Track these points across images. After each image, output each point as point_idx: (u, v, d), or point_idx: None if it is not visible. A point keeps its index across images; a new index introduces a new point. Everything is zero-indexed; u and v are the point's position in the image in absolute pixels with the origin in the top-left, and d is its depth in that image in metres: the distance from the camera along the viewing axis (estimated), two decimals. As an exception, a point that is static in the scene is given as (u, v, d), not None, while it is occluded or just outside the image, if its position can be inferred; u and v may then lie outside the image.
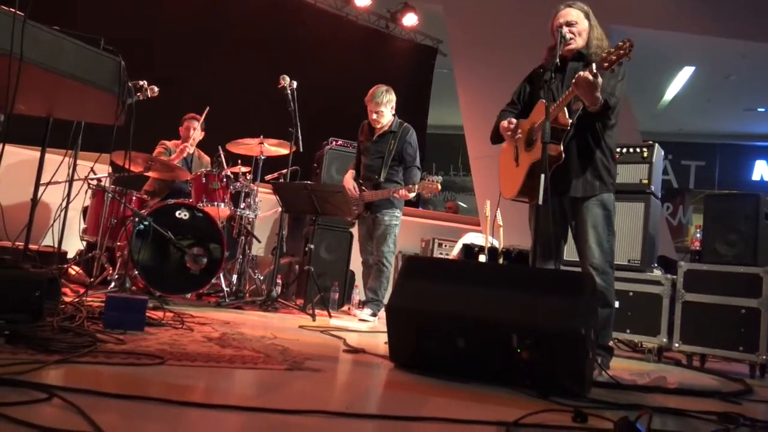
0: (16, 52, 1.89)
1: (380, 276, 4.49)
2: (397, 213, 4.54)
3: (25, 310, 2.08)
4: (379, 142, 4.62)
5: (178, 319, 2.85)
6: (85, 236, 4.60)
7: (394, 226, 4.52)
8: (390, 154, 4.53)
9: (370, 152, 4.66)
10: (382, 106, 4.55)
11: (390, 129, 4.62)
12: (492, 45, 8.00)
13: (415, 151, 4.59)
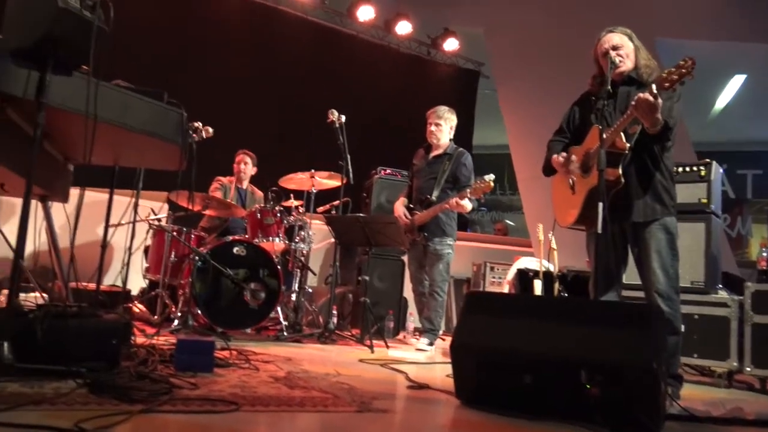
0: (90, 112, 1.99)
1: (435, 305, 4.50)
2: (449, 241, 4.54)
3: (103, 358, 2.17)
4: (433, 164, 4.67)
5: (243, 358, 2.90)
6: (147, 275, 4.76)
7: (446, 255, 4.51)
8: (443, 174, 4.55)
9: (423, 174, 4.70)
10: (442, 120, 4.64)
11: (445, 151, 4.68)
12: (534, 65, 7.98)
13: (470, 173, 4.60)
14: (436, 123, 4.64)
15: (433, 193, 4.52)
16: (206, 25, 7.27)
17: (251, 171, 5.71)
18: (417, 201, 4.66)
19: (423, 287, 4.68)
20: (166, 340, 3.21)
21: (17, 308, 2.13)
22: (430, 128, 4.67)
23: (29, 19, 1.89)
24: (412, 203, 4.71)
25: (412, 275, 4.77)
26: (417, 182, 4.75)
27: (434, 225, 4.50)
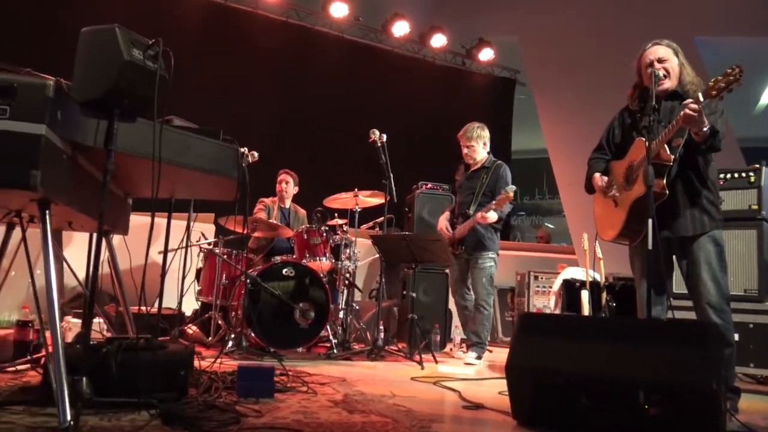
0: (156, 157, 2.10)
1: (482, 318, 4.55)
2: (492, 254, 4.61)
3: (172, 389, 2.28)
4: (472, 178, 4.76)
5: (299, 381, 2.99)
6: (200, 297, 4.90)
7: (488, 268, 4.58)
8: (481, 188, 4.64)
9: (463, 189, 4.80)
10: (473, 141, 4.71)
11: (483, 165, 4.75)
12: (571, 71, 7.94)
13: (508, 184, 4.61)
14: (468, 145, 4.74)
15: (471, 207, 4.61)
16: (244, 48, 7.47)
17: (293, 190, 5.83)
18: (458, 215, 4.76)
19: (465, 300, 4.76)
20: (222, 362, 3.32)
21: (91, 343, 2.25)
22: (464, 150, 4.77)
23: (97, 73, 2.01)
24: (454, 217, 4.80)
25: (453, 287, 4.85)
26: (459, 197, 4.85)
27: (474, 239, 4.58)
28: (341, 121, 7.35)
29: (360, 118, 5.65)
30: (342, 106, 7.62)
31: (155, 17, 7.00)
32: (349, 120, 7.06)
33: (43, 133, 1.79)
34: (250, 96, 7.20)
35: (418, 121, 7.91)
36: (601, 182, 3.16)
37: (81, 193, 2.22)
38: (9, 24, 6.03)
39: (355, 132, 5.33)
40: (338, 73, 7.86)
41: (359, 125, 5.00)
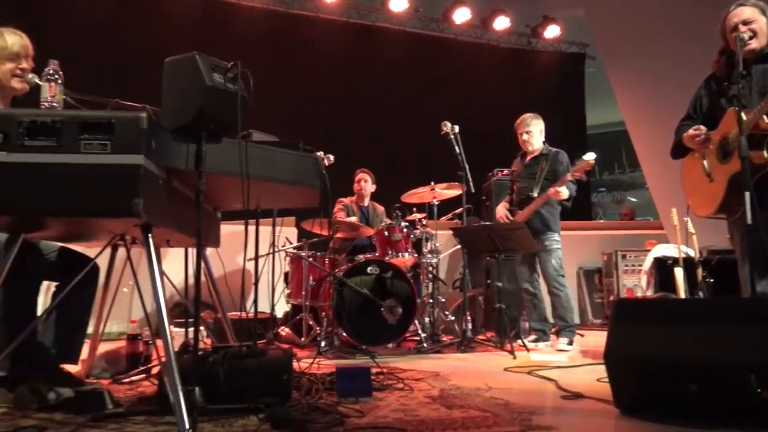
0: (244, 173, 2.20)
1: (560, 301, 4.53)
2: (556, 236, 4.63)
3: (276, 393, 2.38)
4: (530, 165, 4.79)
5: (394, 378, 3.04)
6: (290, 299, 5.06)
7: (555, 250, 4.59)
8: (542, 173, 4.67)
9: (521, 176, 4.83)
10: (531, 127, 4.78)
11: (541, 153, 4.80)
12: (642, 38, 7.59)
13: (568, 169, 4.62)
14: (526, 132, 4.79)
15: (534, 191, 4.64)
16: (309, 52, 7.61)
17: (371, 188, 5.92)
18: (518, 202, 4.78)
19: (534, 288, 4.76)
20: (318, 362, 3.42)
21: (199, 353, 2.38)
22: (522, 137, 4.82)
23: (183, 100, 2.12)
24: (513, 205, 4.84)
25: (523, 277, 4.79)
26: (517, 185, 4.88)
27: (539, 222, 4.59)
28: (411, 116, 7.37)
29: (429, 110, 5.66)
30: (410, 100, 7.64)
31: (221, 31, 7.26)
32: (418, 114, 7.07)
33: (141, 163, 1.90)
34: (319, 99, 7.33)
35: (488, 107, 7.81)
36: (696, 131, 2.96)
37: (177, 213, 2.35)
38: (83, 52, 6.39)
39: (426, 125, 5.34)
40: (403, 68, 7.88)
41: (429, 118, 5.01)
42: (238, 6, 7.50)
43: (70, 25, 6.59)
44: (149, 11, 7.10)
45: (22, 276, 2.32)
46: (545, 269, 4.58)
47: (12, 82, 2.65)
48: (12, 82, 2.65)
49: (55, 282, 2.83)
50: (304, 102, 7.17)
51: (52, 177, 1.87)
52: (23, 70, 2.65)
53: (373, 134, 7.33)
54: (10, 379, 2.45)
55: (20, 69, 2.66)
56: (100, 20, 6.84)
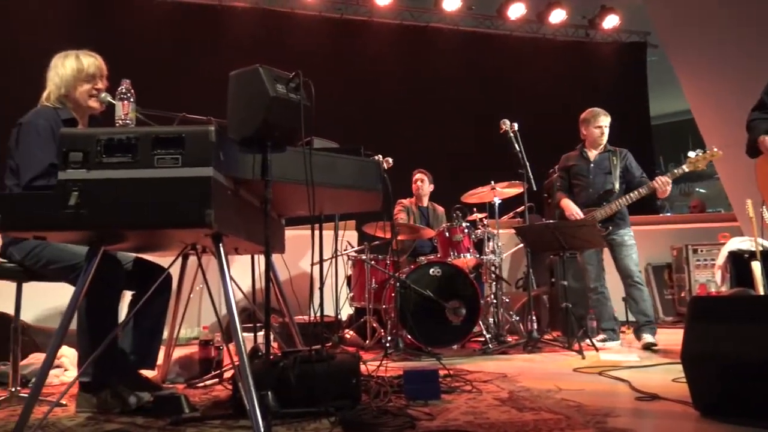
0: (309, 181, 2.24)
1: (642, 295, 4.42)
2: (631, 232, 4.55)
3: (346, 396, 2.41)
4: (600, 161, 4.69)
5: (461, 380, 3.03)
6: (353, 302, 5.11)
7: (633, 245, 4.51)
8: (616, 169, 4.58)
9: (591, 171, 4.69)
10: (606, 122, 4.69)
11: (607, 149, 4.73)
12: (705, 24, 7.28)
13: (638, 167, 4.66)
14: (606, 125, 4.70)
15: (615, 185, 4.54)
16: (365, 56, 7.67)
17: (429, 188, 5.92)
18: (593, 197, 4.63)
19: (601, 285, 4.64)
20: (385, 365, 3.43)
21: (271, 358, 2.43)
22: (603, 130, 4.71)
23: (248, 112, 2.18)
24: (581, 199, 4.68)
25: (590, 273, 4.65)
26: (583, 181, 4.72)
27: (618, 216, 4.52)
28: (468, 115, 7.33)
29: (487, 108, 5.61)
30: (467, 99, 7.59)
31: (278, 41, 7.40)
32: (476, 112, 7.02)
33: (211, 175, 1.96)
34: (376, 101, 7.38)
35: (546, 102, 7.68)
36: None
37: (245, 221, 2.41)
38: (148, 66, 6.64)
39: (484, 124, 5.30)
40: (459, 67, 7.84)
41: (487, 116, 4.97)
42: (293, 15, 7.63)
43: (137, 44, 6.86)
44: (210, 26, 7.31)
45: (103, 286, 2.42)
46: (624, 265, 4.46)
47: (89, 102, 2.79)
48: (89, 102, 2.79)
49: (132, 291, 2.95)
50: (361, 105, 7.23)
51: (129, 191, 1.96)
52: (98, 90, 2.79)
53: (430, 135, 7.32)
54: (94, 385, 2.57)
55: (96, 89, 2.79)
56: (164, 38, 7.10)
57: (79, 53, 2.82)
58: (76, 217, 1.95)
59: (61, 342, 2.16)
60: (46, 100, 2.79)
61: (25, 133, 2.61)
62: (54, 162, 2.47)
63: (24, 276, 2.77)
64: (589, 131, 4.73)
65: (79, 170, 1.96)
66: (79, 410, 2.56)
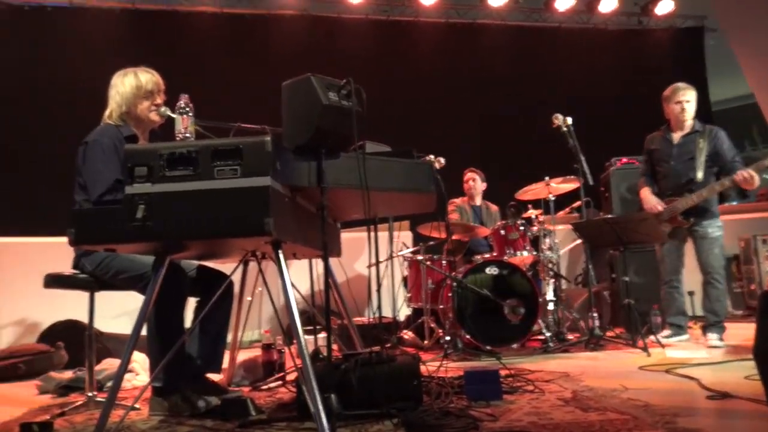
0: (363, 186, 2.26)
1: (717, 294, 4.20)
2: (719, 222, 4.27)
3: (407, 398, 2.43)
4: (683, 144, 4.39)
5: (523, 380, 3.00)
6: (410, 303, 5.13)
7: (719, 237, 4.24)
8: (701, 154, 4.26)
9: (673, 157, 4.41)
10: (688, 95, 4.38)
11: (694, 129, 4.40)
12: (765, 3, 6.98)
13: (732, 148, 4.29)
14: (687, 101, 4.37)
15: (697, 174, 4.24)
16: (413, 57, 7.68)
17: (481, 187, 5.87)
18: (671, 187, 4.38)
19: (677, 280, 4.44)
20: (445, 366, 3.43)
21: (332, 361, 2.47)
22: (684, 106, 4.37)
23: (302, 120, 2.22)
24: (662, 189, 4.44)
25: (667, 265, 4.46)
26: (663, 168, 4.46)
27: (702, 207, 4.24)
28: (519, 111, 7.24)
29: (538, 103, 5.53)
30: (517, 94, 7.49)
31: (327, 46, 7.50)
32: (527, 108, 6.93)
33: (269, 184, 2.02)
34: (425, 100, 7.37)
35: (600, 94, 7.50)
36: None
37: (302, 227, 2.46)
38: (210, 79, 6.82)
39: (536, 119, 5.23)
40: (507, 62, 7.75)
41: (539, 111, 4.90)
42: (341, 19, 7.71)
43: (191, 58, 7.07)
44: (260, 35, 7.47)
45: (169, 294, 2.51)
46: (707, 259, 4.22)
47: (150, 117, 2.92)
48: (150, 117, 2.92)
49: (196, 297, 3.05)
50: (411, 106, 7.24)
51: (191, 203, 2.03)
52: (158, 105, 2.91)
53: (481, 133, 7.27)
54: (165, 389, 2.67)
55: (155, 105, 2.91)
56: (217, 50, 7.29)
57: (137, 70, 2.94)
58: (142, 229, 2.03)
59: (133, 348, 2.26)
60: (108, 118, 2.92)
61: (91, 151, 2.75)
62: (119, 177, 2.61)
63: (96, 286, 2.90)
64: (670, 108, 4.42)
65: (144, 184, 2.04)
66: (152, 414, 2.67)
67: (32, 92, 6.43)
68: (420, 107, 7.27)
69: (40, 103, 6.38)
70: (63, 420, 2.64)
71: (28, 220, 5.29)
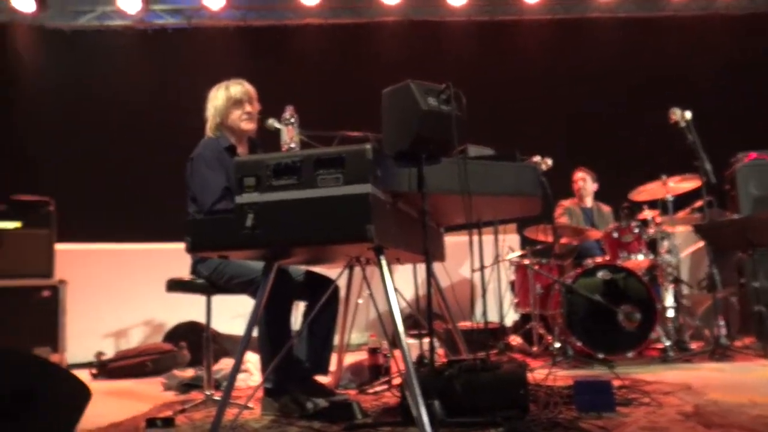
0: (465, 191, 2.24)
1: None
2: None
3: (513, 406, 2.36)
4: None
5: (638, 391, 2.84)
6: (518, 308, 5.01)
7: None
8: None
9: None
10: None
11: None
12: None
13: None
14: None
15: None
16: (515, 56, 7.53)
17: (592, 187, 5.64)
18: None
19: None
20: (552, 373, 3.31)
21: (436, 367, 2.46)
22: None
23: (402, 127, 2.24)
24: None
25: None
26: None
27: None
28: (632, 107, 6.87)
29: (653, 98, 5.22)
30: (630, 89, 7.11)
31: (429, 48, 7.50)
32: (640, 103, 6.56)
33: (370, 192, 2.05)
34: (530, 99, 7.18)
35: (723, 84, 6.96)
36: None
37: (404, 233, 2.47)
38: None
39: (651, 115, 4.94)
40: (619, 56, 7.38)
41: (653, 106, 4.62)
42: (443, 23, 7.69)
43: (297, 69, 7.33)
44: (362, 42, 7.61)
45: (277, 298, 2.61)
46: None
47: (242, 126, 3.07)
48: (242, 126, 3.07)
49: (303, 301, 3.15)
50: (516, 106, 7.07)
51: (297, 211, 2.11)
52: (249, 113, 3.05)
53: (591, 131, 6.96)
54: (275, 391, 2.77)
55: (247, 113, 3.05)
56: (321, 59, 7.50)
57: (228, 83, 3.11)
58: (252, 236, 2.13)
59: (245, 350, 2.36)
60: (209, 131, 3.11)
61: (196, 165, 2.95)
62: (225, 185, 2.79)
63: (212, 290, 3.07)
64: None
65: (252, 194, 2.14)
66: (264, 413, 2.78)
67: (158, 108, 6.90)
68: (526, 106, 7.09)
69: (165, 118, 6.82)
70: (184, 416, 2.81)
71: (151, 228, 5.68)
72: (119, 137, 6.82)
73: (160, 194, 5.62)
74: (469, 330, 4.30)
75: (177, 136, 6.56)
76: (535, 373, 3.01)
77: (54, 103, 6.92)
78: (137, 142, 6.75)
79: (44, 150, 6.78)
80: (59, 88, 6.98)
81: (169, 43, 7.41)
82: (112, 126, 6.89)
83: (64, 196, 5.15)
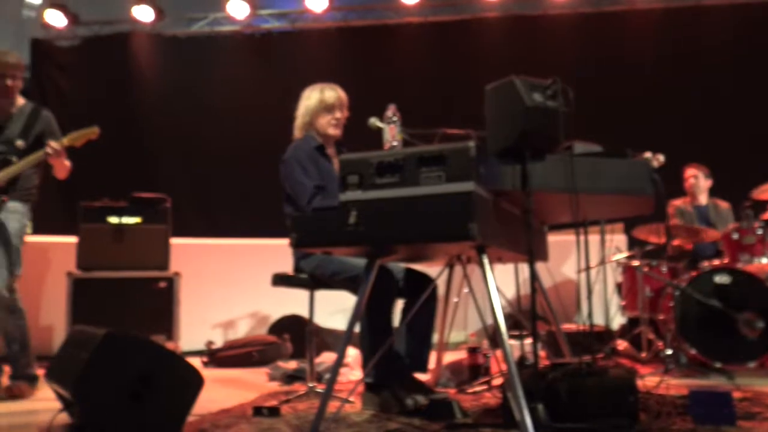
0: (571, 189, 2.17)
1: None
2: None
3: (621, 414, 2.26)
4: None
5: (762, 404, 2.63)
6: (625, 312, 4.79)
7: None
8: None
9: None
10: None
11: None
12: None
13: None
14: None
15: None
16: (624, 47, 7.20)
17: (705, 184, 5.28)
18: None
19: None
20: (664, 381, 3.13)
21: (539, 369, 2.40)
22: None
23: (506, 123, 2.19)
24: None
25: None
26: None
27: None
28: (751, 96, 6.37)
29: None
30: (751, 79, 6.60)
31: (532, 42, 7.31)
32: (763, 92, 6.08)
33: (473, 189, 2.03)
34: (639, 92, 6.83)
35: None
36: None
37: (507, 232, 2.43)
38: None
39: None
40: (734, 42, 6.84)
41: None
42: (545, 16, 7.48)
43: (399, 67, 7.39)
44: (463, 39, 7.54)
45: (379, 295, 2.64)
46: None
47: (329, 130, 3.14)
48: (329, 130, 3.14)
49: (403, 299, 3.17)
50: (624, 100, 6.75)
51: (399, 209, 2.12)
52: (338, 120, 3.11)
53: (705, 124, 6.51)
54: (376, 385, 2.81)
55: (335, 119, 3.12)
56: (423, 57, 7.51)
57: (323, 87, 3.18)
58: (355, 233, 2.17)
59: (347, 344, 2.41)
60: (297, 129, 3.21)
61: (289, 166, 3.05)
62: (317, 184, 2.92)
63: (314, 285, 3.16)
64: None
65: (356, 192, 2.18)
66: (364, 407, 2.82)
67: (264, 108, 7.14)
68: (634, 101, 6.75)
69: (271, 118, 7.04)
70: (288, 407, 2.90)
71: (257, 224, 5.91)
72: (229, 137, 7.17)
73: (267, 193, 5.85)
74: (574, 332, 4.16)
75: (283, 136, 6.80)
76: (645, 381, 2.86)
77: (170, 106, 7.38)
78: (245, 141, 7.06)
79: (161, 150, 7.25)
80: (175, 92, 7.44)
81: (274, 46, 7.68)
82: (222, 127, 7.24)
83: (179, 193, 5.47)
